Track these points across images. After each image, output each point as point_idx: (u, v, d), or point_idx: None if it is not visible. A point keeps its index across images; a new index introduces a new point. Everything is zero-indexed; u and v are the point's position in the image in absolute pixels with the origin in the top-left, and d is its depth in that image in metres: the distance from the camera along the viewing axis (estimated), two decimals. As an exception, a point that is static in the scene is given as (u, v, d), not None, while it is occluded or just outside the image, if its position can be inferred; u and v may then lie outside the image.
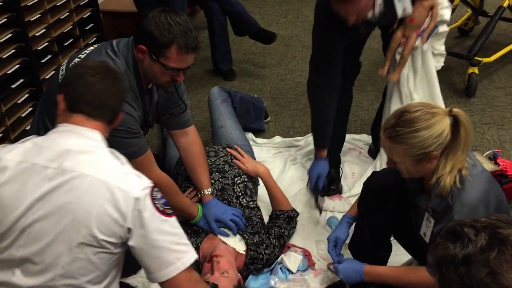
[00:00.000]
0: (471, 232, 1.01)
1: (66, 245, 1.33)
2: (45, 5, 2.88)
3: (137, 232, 1.36)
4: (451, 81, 3.47)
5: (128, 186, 1.35)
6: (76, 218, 1.32)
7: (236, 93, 2.83)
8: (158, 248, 1.38)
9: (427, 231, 1.65)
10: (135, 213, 1.34)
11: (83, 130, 1.41)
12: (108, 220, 1.33)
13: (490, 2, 3.99)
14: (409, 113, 1.51)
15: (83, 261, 1.35)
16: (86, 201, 1.33)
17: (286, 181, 2.61)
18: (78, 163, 1.36)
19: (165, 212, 1.40)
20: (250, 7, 4.59)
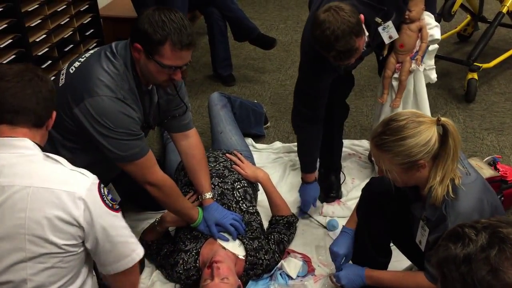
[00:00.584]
0: (471, 232, 1.02)
1: (29, 259, 1.33)
2: (45, 11, 2.89)
3: (91, 230, 1.37)
4: (450, 87, 3.48)
5: (73, 188, 1.34)
6: (31, 232, 1.31)
7: (236, 99, 2.83)
8: (113, 242, 1.43)
9: (422, 239, 1.65)
10: (86, 213, 1.35)
11: (10, 141, 1.35)
12: (62, 225, 1.33)
13: (489, 8, 4.01)
14: (396, 122, 1.51)
15: (50, 270, 1.36)
16: (34, 213, 1.30)
17: (286, 186, 2.61)
18: (15, 177, 1.32)
19: (113, 208, 1.42)
20: (250, 12, 4.60)
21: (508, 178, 2.34)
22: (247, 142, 2.78)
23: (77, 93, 1.77)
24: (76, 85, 1.79)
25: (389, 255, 1.92)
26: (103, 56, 1.81)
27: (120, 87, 1.77)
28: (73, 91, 1.79)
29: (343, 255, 1.89)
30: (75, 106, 1.76)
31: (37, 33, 2.86)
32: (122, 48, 1.82)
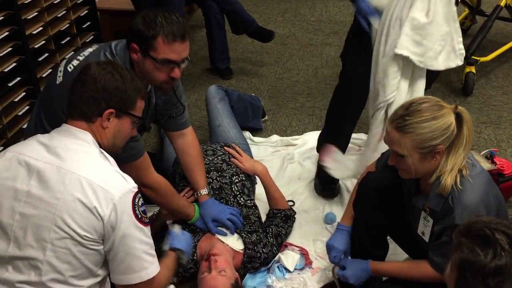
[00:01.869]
0: (504, 240, 0.97)
1: (51, 241, 1.36)
2: (42, 3, 2.87)
3: (112, 233, 1.39)
4: (448, 80, 3.48)
5: (110, 187, 1.38)
6: (60, 215, 1.36)
7: (233, 92, 2.83)
8: (128, 253, 1.42)
9: (425, 230, 1.65)
10: (113, 214, 1.37)
11: (74, 130, 1.47)
12: (89, 216, 1.36)
13: (487, 1, 4.00)
14: (417, 104, 1.52)
15: (67, 256, 1.38)
16: (68, 197, 1.36)
17: (284, 179, 2.61)
18: (66, 160, 1.40)
19: (142, 220, 1.42)
20: (248, 5, 4.58)
21: (505, 172, 2.34)
22: (245, 136, 2.77)
23: None
24: None
25: (386, 248, 1.93)
26: (103, 56, 1.80)
27: None
28: None
29: (339, 252, 1.89)
30: None
31: (34, 25, 2.84)
32: (121, 50, 1.81)
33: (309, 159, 2.76)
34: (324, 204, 2.46)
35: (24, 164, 1.42)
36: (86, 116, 1.48)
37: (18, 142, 2.69)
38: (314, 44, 4.07)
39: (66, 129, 1.48)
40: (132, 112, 1.53)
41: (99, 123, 1.49)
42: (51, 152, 1.43)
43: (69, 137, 1.46)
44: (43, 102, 1.93)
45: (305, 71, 3.69)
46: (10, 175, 1.42)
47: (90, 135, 1.47)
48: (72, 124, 1.48)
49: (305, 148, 2.83)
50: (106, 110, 1.47)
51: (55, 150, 1.43)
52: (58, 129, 1.50)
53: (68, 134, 1.47)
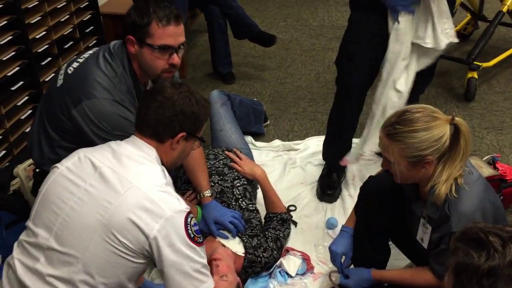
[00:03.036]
0: (497, 241, 0.98)
1: (92, 240, 1.37)
2: (45, 8, 2.88)
3: (161, 251, 1.38)
4: (450, 86, 3.48)
5: (164, 204, 1.39)
6: (108, 218, 1.37)
7: (235, 96, 2.83)
8: (178, 270, 1.41)
9: (424, 236, 1.65)
10: (163, 231, 1.37)
11: (141, 144, 1.52)
12: (134, 229, 1.36)
13: (489, 7, 4.01)
14: (410, 113, 1.52)
15: (103, 261, 1.38)
16: (121, 206, 1.37)
17: (285, 184, 2.61)
18: (128, 169, 1.44)
19: (195, 240, 1.42)
20: (250, 10, 4.60)
21: (507, 177, 2.34)
22: (247, 140, 2.78)
23: (75, 95, 1.77)
24: (74, 87, 1.79)
25: (388, 253, 1.93)
26: (101, 57, 1.81)
27: (118, 89, 1.77)
28: (71, 93, 1.79)
29: (342, 254, 1.89)
30: (73, 108, 1.76)
31: (37, 30, 2.86)
32: (119, 48, 1.82)
33: (311, 164, 2.76)
34: (326, 209, 2.46)
35: (89, 163, 1.46)
36: (158, 136, 1.51)
37: (21, 146, 2.74)
38: (316, 49, 4.08)
39: (134, 140, 1.53)
40: (198, 135, 1.59)
41: (169, 144, 1.53)
42: (116, 158, 1.47)
43: (135, 148, 1.50)
44: (45, 105, 1.94)
45: (307, 76, 3.70)
46: (76, 170, 1.47)
47: (155, 152, 1.51)
48: (142, 139, 1.52)
49: (307, 153, 2.83)
50: (179, 133, 1.51)
51: (120, 157, 1.47)
52: (127, 139, 1.55)
53: (135, 145, 1.51)
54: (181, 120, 1.51)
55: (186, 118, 1.52)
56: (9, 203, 2.22)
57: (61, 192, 1.45)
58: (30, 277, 1.42)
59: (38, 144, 1.94)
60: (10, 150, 2.70)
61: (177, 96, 1.52)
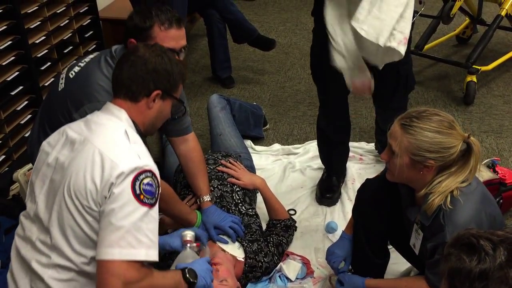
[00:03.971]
0: (488, 245, 0.99)
1: (56, 203, 1.42)
2: (45, 13, 2.89)
3: (106, 200, 1.35)
4: (449, 89, 3.48)
5: (119, 160, 1.38)
6: (68, 180, 1.40)
7: (235, 101, 2.84)
8: (110, 222, 1.33)
9: (416, 242, 1.65)
10: (115, 187, 1.35)
11: (111, 107, 1.53)
12: (89, 186, 1.37)
13: (488, 11, 4.02)
14: (431, 114, 1.53)
15: (69, 221, 1.40)
16: (79, 165, 1.40)
17: (285, 188, 2.61)
18: (94, 134, 1.46)
19: (139, 198, 1.35)
20: (249, 15, 4.61)
21: (507, 181, 2.34)
22: (246, 144, 2.78)
23: (76, 98, 1.77)
24: (75, 90, 1.80)
25: (387, 257, 1.92)
26: (103, 61, 1.82)
27: None
28: (72, 96, 1.79)
29: (339, 257, 1.89)
30: (75, 111, 1.76)
31: (37, 34, 2.86)
32: (121, 52, 1.83)
33: (310, 168, 2.76)
34: (326, 213, 2.46)
35: (63, 135, 1.52)
36: (133, 95, 1.52)
37: (20, 150, 2.74)
38: (316, 53, 4.08)
39: (107, 106, 1.55)
40: (175, 95, 1.59)
41: (144, 103, 1.53)
42: (86, 126, 1.50)
43: (106, 113, 1.52)
44: (45, 110, 1.94)
45: (307, 80, 3.70)
46: (53, 142, 1.54)
47: (125, 113, 1.51)
48: (115, 102, 1.53)
49: (306, 157, 2.83)
50: (154, 91, 1.52)
51: (90, 124, 1.50)
52: (103, 107, 1.57)
53: (106, 110, 1.53)
54: (155, 78, 1.51)
55: (160, 75, 1.52)
56: (8, 208, 2.22)
57: (42, 167, 1.52)
58: (24, 246, 1.49)
59: (38, 149, 1.93)
60: (10, 154, 2.70)
61: (149, 55, 1.52)
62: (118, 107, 1.52)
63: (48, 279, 1.41)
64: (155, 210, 1.41)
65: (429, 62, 3.77)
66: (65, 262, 1.42)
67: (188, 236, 1.79)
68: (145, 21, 1.76)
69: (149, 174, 1.40)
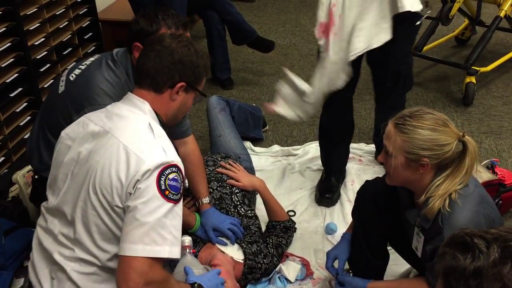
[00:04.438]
0: (481, 243, 1.00)
1: (82, 199, 1.41)
2: (44, 14, 2.89)
3: (132, 196, 1.34)
4: (448, 90, 3.49)
5: (145, 156, 1.36)
6: (94, 176, 1.38)
7: (234, 102, 2.84)
8: (134, 218, 1.32)
9: (418, 245, 1.64)
10: (141, 182, 1.34)
11: (133, 98, 1.49)
12: (115, 182, 1.35)
13: (487, 12, 4.03)
14: (424, 112, 1.53)
15: (94, 217, 1.39)
16: (105, 161, 1.38)
17: (284, 189, 2.61)
18: (117, 128, 1.43)
19: (165, 194, 1.34)
20: (249, 16, 4.61)
21: (506, 182, 2.34)
22: (246, 146, 2.78)
23: (77, 101, 1.77)
24: (76, 93, 1.80)
25: (386, 258, 1.92)
26: (104, 64, 1.82)
27: (121, 96, 1.77)
28: (73, 99, 1.79)
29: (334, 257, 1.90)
30: (75, 114, 1.76)
31: (36, 36, 2.86)
32: (123, 56, 1.83)
33: (310, 169, 2.76)
34: (325, 214, 2.46)
35: (84, 128, 1.48)
36: (157, 86, 1.49)
37: (19, 152, 2.74)
38: (315, 55, 4.05)
39: (128, 96, 1.51)
40: (199, 88, 1.57)
41: (168, 94, 1.50)
42: (108, 117, 1.47)
43: (127, 105, 1.49)
44: (45, 112, 1.94)
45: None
46: (73, 134, 1.51)
47: (149, 105, 1.47)
48: (137, 93, 1.50)
49: (306, 158, 2.83)
50: (178, 83, 1.49)
51: (111, 115, 1.47)
52: (124, 97, 1.53)
53: (128, 101, 1.49)
54: (180, 69, 1.49)
55: (185, 67, 1.50)
56: (8, 209, 2.22)
57: (64, 160, 1.49)
58: (47, 238, 1.49)
59: (37, 150, 1.94)
60: (9, 156, 2.70)
61: (176, 45, 1.50)
62: (140, 98, 1.48)
63: (71, 271, 1.42)
64: (180, 206, 1.40)
65: (428, 63, 3.77)
66: (88, 257, 1.42)
67: (187, 242, 1.77)
68: (151, 25, 1.76)
69: (175, 169, 1.38)
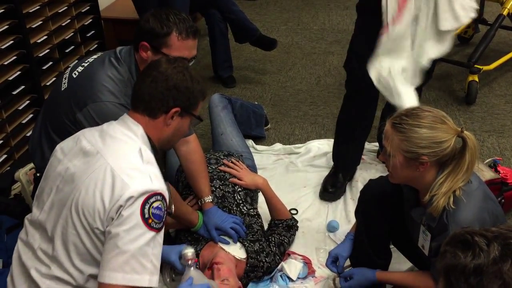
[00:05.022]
0: (482, 241, 1.01)
1: (63, 217, 1.40)
2: (46, 12, 2.89)
3: (114, 222, 1.34)
4: (451, 89, 3.48)
5: (130, 182, 1.35)
6: (78, 196, 1.38)
7: (236, 100, 2.84)
8: (115, 245, 1.32)
9: (424, 244, 1.65)
10: (124, 209, 1.33)
11: (128, 120, 1.50)
12: (98, 205, 1.35)
13: (489, 10, 4.02)
14: (421, 110, 1.53)
15: (73, 237, 1.39)
16: (90, 182, 1.38)
17: (287, 188, 2.61)
18: (107, 148, 1.43)
19: (148, 222, 1.34)
20: (251, 14, 4.61)
21: (509, 180, 2.34)
22: (248, 144, 2.77)
23: (80, 98, 1.77)
24: (79, 90, 1.80)
25: (389, 257, 1.92)
26: (107, 61, 1.81)
27: (124, 93, 1.78)
28: (76, 96, 1.79)
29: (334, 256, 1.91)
30: (78, 111, 1.76)
31: (38, 34, 2.86)
32: (126, 54, 1.83)
33: (312, 167, 2.76)
34: (328, 212, 2.46)
35: (77, 143, 1.49)
36: (152, 111, 1.49)
37: (22, 150, 2.75)
38: (317, 53, 4.09)
39: (124, 118, 1.52)
40: (194, 113, 1.57)
41: (162, 119, 1.51)
42: (101, 137, 1.47)
43: (122, 126, 1.49)
44: (48, 110, 1.94)
45: (308, 79, 3.70)
46: (67, 149, 1.51)
47: (142, 128, 1.48)
48: (132, 116, 1.51)
49: (308, 156, 2.83)
50: (173, 109, 1.50)
51: (105, 136, 1.48)
52: (120, 117, 1.53)
53: (123, 123, 1.50)
54: (174, 95, 1.49)
55: (180, 93, 1.50)
56: (10, 207, 2.22)
57: (53, 174, 1.50)
58: (26, 253, 1.48)
59: (40, 148, 1.95)
60: (11, 154, 2.70)
61: (171, 71, 1.51)
62: (135, 121, 1.49)
63: None
64: (161, 234, 1.40)
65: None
66: (64, 275, 1.41)
67: (190, 254, 1.73)
68: (162, 27, 1.74)
69: (159, 197, 1.38)
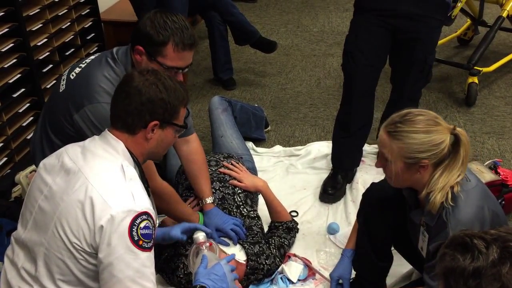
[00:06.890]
0: (481, 244, 1.01)
1: (46, 238, 1.39)
2: (47, 15, 2.89)
3: (101, 248, 1.33)
4: (451, 91, 3.48)
5: (112, 201, 1.34)
6: (59, 215, 1.37)
7: (236, 102, 2.84)
8: (112, 275, 1.33)
9: (423, 245, 1.64)
10: (107, 228, 1.32)
11: (110, 137, 1.48)
12: (82, 224, 1.34)
13: (489, 12, 4.02)
14: (413, 115, 1.53)
15: (57, 259, 1.38)
16: (70, 201, 1.36)
17: (287, 190, 2.61)
18: (87, 166, 1.41)
19: (138, 244, 1.34)
20: (251, 16, 4.62)
21: (509, 182, 2.34)
22: (248, 146, 2.78)
23: (77, 99, 1.77)
24: (76, 92, 1.80)
25: (390, 260, 1.92)
26: (104, 62, 1.81)
27: None
28: (73, 97, 1.79)
29: (337, 278, 1.92)
30: (75, 112, 1.76)
31: (38, 37, 2.86)
32: (123, 54, 1.83)
33: (312, 169, 2.76)
34: (328, 214, 2.46)
35: (59, 160, 1.47)
36: (129, 128, 1.47)
37: (22, 153, 2.75)
38: (317, 55, 4.09)
39: (105, 134, 1.49)
40: (176, 122, 1.52)
41: (142, 134, 1.48)
42: (83, 154, 1.46)
43: (103, 142, 1.47)
44: (47, 112, 1.94)
45: (308, 81, 3.70)
46: (49, 166, 1.49)
47: (123, 145, 1.46)
48: (112, 132, 1.48)
49: (308, 159, 2.83)
50: (150, 122, 1.46)
51: (86, 152, 1.45)
52: (101, 133, 1.51)
53: (104, 139, 1.48)
54: (150, 108, 1.45)
55: (155, 106, 1.45)
56: (10, 210, 2.22)
57: (34, 190, 1.48)
58: (11, 271, 1.48)
59: (41, 150, 1.95)
60: (12, 157, 2.70)
61: (143, 84, 1.46)
62: (115, 137, 1.47)
63: None
64: (153, 251, 1.40)
65: (431, 63, 3.77)
66: None
67: (201, 238, 1.72)
68: (158, 35, 1.70)
69: (145, 216, 1.36)
